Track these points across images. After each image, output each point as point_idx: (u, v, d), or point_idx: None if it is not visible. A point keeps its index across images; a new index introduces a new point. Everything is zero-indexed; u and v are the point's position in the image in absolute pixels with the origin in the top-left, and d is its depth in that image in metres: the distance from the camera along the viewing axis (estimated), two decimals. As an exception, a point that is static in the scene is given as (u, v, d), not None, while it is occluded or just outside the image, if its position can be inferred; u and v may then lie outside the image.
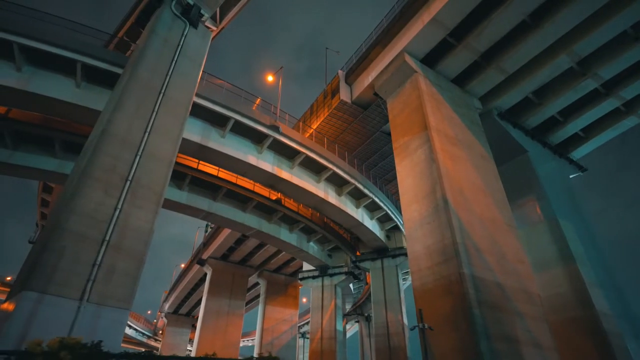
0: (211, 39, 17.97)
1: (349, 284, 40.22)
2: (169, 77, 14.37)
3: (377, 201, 27.34)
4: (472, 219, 15.83)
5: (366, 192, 26.19)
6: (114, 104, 12.62)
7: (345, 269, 34.18)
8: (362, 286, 52.51)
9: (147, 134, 12.65)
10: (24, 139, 20.30)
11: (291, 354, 38.49)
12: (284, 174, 22.44)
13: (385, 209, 28.43)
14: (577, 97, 23.46)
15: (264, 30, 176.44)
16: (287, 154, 22.89)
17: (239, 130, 20.68)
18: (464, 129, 19.98)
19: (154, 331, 71.80)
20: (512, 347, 12.96)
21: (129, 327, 59.61)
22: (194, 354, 34.06)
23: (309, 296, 59.91)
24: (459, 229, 14.84)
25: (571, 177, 27.47)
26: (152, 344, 68.96)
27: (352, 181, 25.13)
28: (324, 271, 34.91)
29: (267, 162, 21.83)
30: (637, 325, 21.07)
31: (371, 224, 28.95)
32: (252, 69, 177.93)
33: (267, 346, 36.51)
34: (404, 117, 20.46)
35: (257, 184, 26.02)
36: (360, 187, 25.68)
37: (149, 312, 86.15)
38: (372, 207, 28.64)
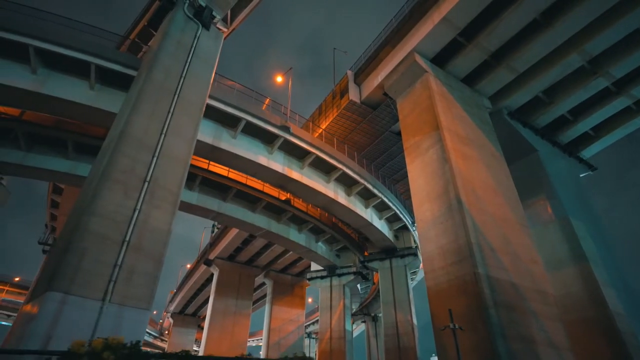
0: (222, 40, 18.07)
1: (357, 284, 40.21)
2: (183, 78, 14.46)
3: (386, 201, 27.35)
4: (486, 218, 15.79)
5: (375, 192, 26.20)
6: (131, 105, 12.70)
7: (353, 269, 34.16)
8: (369, 286, 52.49)
9: (163, 135, 12.74)
10: (37, 140, 20.49)
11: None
12: (295, 174, 22.48)
13: (394, 208, 28.43)
14: (587, 96, 23.31)
15: (265, 29, 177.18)
16: (298, 155, 22.93)
17: (250, 130, 20.74)
18: (474, 128, 19.94)
19: (160, 331, 72.07)
20: (528, 347, 12.92)
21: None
22: (202, 353, 34.08)
23: (313, 296, 60.19)
24: (473, 229, 14.80)
25: (581, 176, 27.34)
26: (159, 344, 69.20)
27: (362, 181, 25.15)
28: (332, 271, 34.91)
29: (277, 163, 21.87)
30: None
31: (380, 224, 28.95)
32: (255, 69, 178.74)
33: (274, 346, 36.54)
34: (414, 117, 20.43)
35: (266, 185, 26.07)
36: (369, 187, 25.68)
37: (154, 312, 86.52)
38: (381, 207, 28.64)
